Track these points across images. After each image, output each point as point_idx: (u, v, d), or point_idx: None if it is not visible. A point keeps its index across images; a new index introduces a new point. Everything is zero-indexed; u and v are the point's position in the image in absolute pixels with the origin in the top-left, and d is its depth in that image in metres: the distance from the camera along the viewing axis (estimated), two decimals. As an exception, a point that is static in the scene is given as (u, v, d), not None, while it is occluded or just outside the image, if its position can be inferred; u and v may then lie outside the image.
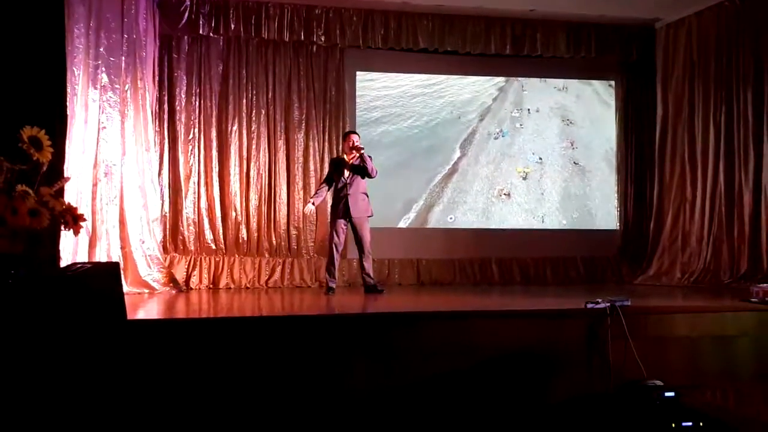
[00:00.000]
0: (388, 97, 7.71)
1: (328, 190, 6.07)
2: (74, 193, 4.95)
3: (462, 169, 7.87)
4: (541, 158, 8.03)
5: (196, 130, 6.94)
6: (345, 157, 5.93)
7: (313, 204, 6.00)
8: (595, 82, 8.18)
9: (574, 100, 8.18)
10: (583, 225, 7.94)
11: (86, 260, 5.15)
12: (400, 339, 3.69)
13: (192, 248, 6.84)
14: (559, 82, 8.09)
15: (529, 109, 8.05)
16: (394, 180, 7.33)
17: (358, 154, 5.79)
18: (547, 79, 8.06)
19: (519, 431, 3.56)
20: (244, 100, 7.07)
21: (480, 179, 7.89)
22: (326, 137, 7.28)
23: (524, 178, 7.99)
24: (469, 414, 3.58)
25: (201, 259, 6.83)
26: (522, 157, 8.02)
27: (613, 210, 8.04)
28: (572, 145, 8.12)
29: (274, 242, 7.06)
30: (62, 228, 2.40)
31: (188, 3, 6.73)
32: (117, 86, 5.68)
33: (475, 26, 7.44)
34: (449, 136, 7.87)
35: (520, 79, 8.00)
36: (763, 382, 4.09)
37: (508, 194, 7.94)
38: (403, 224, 7.58)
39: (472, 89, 7.94)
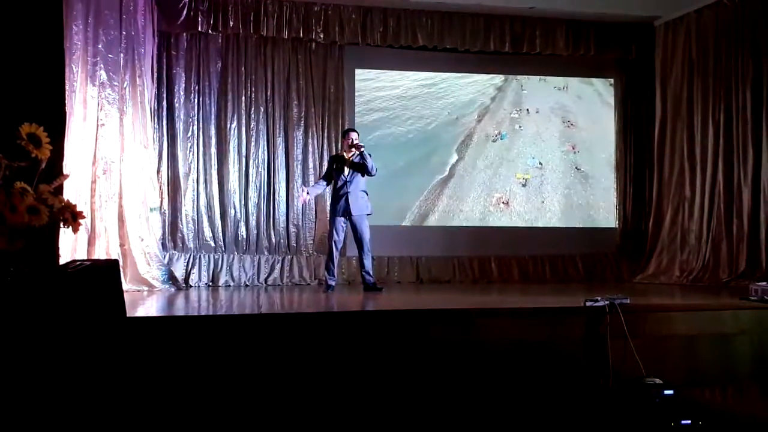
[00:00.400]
0: (385, 98, 7.57)
1: (326, 185, 6.08)
2: (73, 191, 4.94)
3: (458, 174, 7.70)
4: (541, 163, 7.87)
5: (195, 127, 6.93)
6: (345, 154, 5.93)
7: (308, 193, 5.99)
8: (597, 83, 8.09)
9: (575, 101, 8.03)
10: (583, 223, 7.93)
11: (85, 258, 5.14)
12: (399, 337, 3.69)
13: (191, 246, 6.83)
14: (560, 82, 7.99)
15: (528, 110, 7.92)
16: (391, 185, 7.22)
17: (357, 152, 5.79)
18: (547, 79, 7.95)
19: (518, 430, 3.56)
20: (243, 98, 7.06)
21: (477, 185, 7.72)
22: (325, 135, 7.28)
23: (524, 185, 7.82)
24: (469, 412, 3.58)
25: (200, 256, 6.83)
26: (521, 162, 7.85)
27: (613, 208, 8.03)
28: (574, 149, 7.98)
29: (273, 240, 7.06)
30: (61, 225, 2.39)
31: (187, 0, 6.72)
32: (116, 83, 5.67)
33: (474, 24, 7.43)
34: (446, 139, 7.70)
35: (519, 78, 7.90)
36: (761, 379, 4.10)
37: (507, 203, 7.75)
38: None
39: (470, 90, 7.79)
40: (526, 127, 7.91)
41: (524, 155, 7.88)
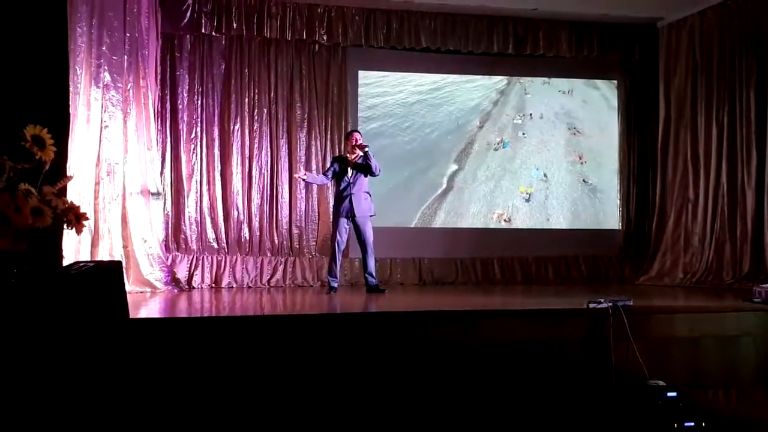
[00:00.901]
0: (386, 105, 7.38)
1: (326, 181, 6.06)
2: (77, 192, 4.95)
3: (458, 186, 7.45)
4: (546, 174, 7.60)
5: (199, 129, 6.94)
6: (348, 156, 5.93)
7: (305, 175, 5.96)
8: (603, 87, 7.95)
9: (581, 106, 7.81)
10: (586, 225, 7.90)
11: (89, 259, 5.16)
12: (402, 338, 3.69)
13: (194, 247, 6.85)
14: (564, 86, 7.83)
15: (531, 114, 7.69)
16: (388, 199, 7.02)
17: (362, 153, 5.79)
18: (551, 82, 7.82)
19: (521, 431, 3.55)
20: (246, 99, 7.07)
21: (477, 200, 7.47)
22: (328, 136, 7.28)
23: (527, 200, 7.50)
24: (472, 413, 3.58)
25: (203, 258, 6.84)
26: (525, 173, 7.58)
27: (616, 209, 8.01)
28: (581, 159, 7.71)
29: (276, 241, 7.07)
30: (65, 227, 2.40)
31: (190, 2, 6.74)
32: (119, 85, 5.68)
33: (477, 25, 7.43)
34: (446, 147, 7.45)
35: (522, 81, 7.78)
36: (765, 382, 4.08)
37: (509, 220, 7.49)
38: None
39: (473, 95, 7.58)
40: (530, 134, 7.66)
41: (528, 165, 7.61)
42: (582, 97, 7.89)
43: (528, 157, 7.66)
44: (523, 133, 7.70)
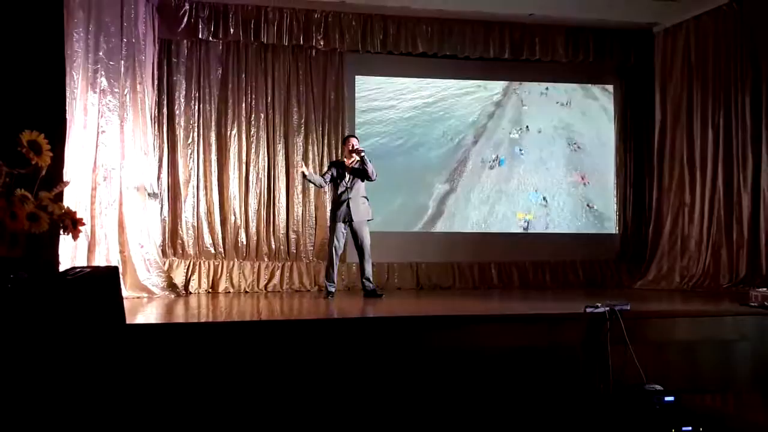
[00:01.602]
0: (379, 120, 7.24)
1: (323, 184, 6.01)
2: (73, 198, 4.94)
3: (449, 210, 7.15)
4: (545, 198, 7.23)
5: (196, 134, 6.94)
6: (345, 161, 5.93)
7: (306, 172, 5.88)
8: (601, 97, 7.90)
9: (580, 118, 7.64)
10: (583, 229, 7.91)
11: (85, 264, 5.14)
12: (400, 344, 3.68)
13: (191, 252, 6.83)
14: (563, 97, 7.73)
15: (528, 127, 7.48)
16: (381, 219, 6.69)
17: (358, 158, 5.79)
18: (548, 93, 7.71)
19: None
20: (244, 104, 7.07)
21: (470, 226, 7.20)
22: (325, 141, 7.29)
23: (525, 228, 7.10)
24: (469, 419, 3.57)
25: (200, 263, 6.83)
26: (522, 196, 7.25)
27: (613, 214, 8.03)
28: (583, 179, 7.38)
29: (273, 246, 7.06)
30: (61, 232, 2.40)
31: (187, 7, 6.75)
32: (116, 90, 5.68)
33: (474, 31, 7.45)
34: (438, 165, 7.19)
35: (518, 92, 7.70)
36: (762, 386, 4.09)
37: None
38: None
39: (470, 108, 7.40)
40: (528, 150, 7.40)
41: (525, 187, 7.32)
42: (581, 109, 7.75)
43: (525, 177, 7.36)
44: (521, 150, 7.46)
